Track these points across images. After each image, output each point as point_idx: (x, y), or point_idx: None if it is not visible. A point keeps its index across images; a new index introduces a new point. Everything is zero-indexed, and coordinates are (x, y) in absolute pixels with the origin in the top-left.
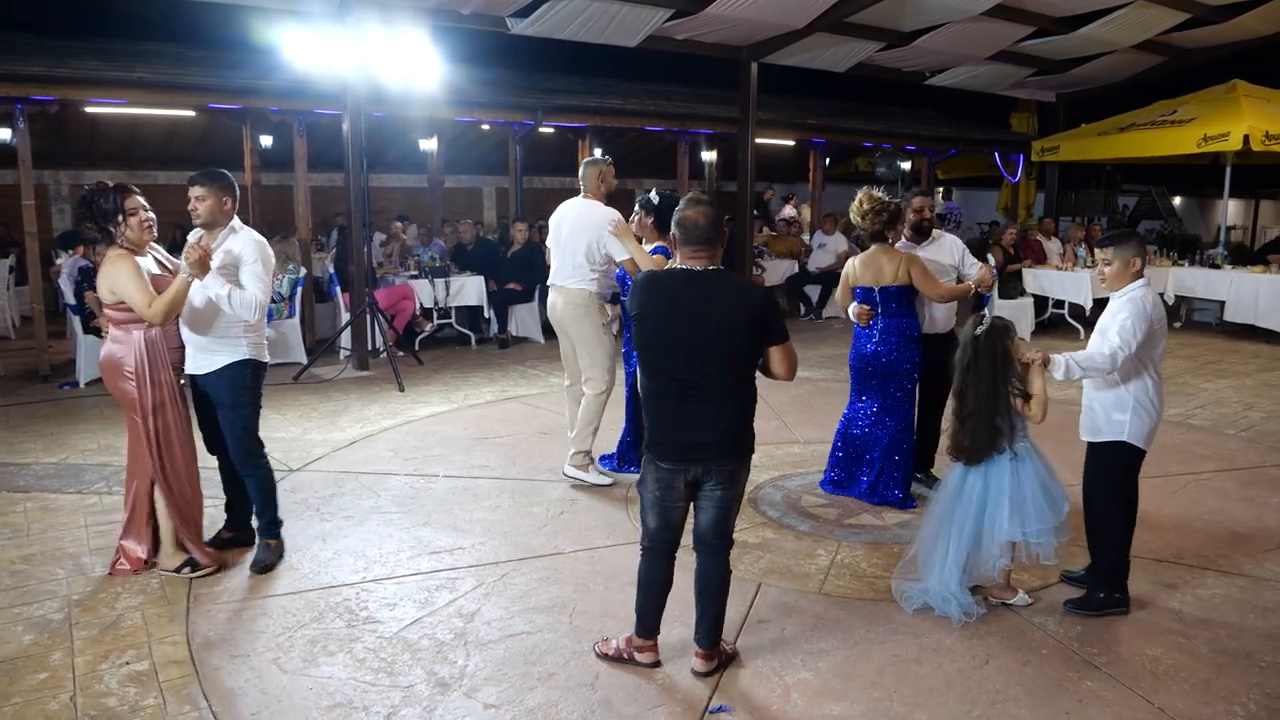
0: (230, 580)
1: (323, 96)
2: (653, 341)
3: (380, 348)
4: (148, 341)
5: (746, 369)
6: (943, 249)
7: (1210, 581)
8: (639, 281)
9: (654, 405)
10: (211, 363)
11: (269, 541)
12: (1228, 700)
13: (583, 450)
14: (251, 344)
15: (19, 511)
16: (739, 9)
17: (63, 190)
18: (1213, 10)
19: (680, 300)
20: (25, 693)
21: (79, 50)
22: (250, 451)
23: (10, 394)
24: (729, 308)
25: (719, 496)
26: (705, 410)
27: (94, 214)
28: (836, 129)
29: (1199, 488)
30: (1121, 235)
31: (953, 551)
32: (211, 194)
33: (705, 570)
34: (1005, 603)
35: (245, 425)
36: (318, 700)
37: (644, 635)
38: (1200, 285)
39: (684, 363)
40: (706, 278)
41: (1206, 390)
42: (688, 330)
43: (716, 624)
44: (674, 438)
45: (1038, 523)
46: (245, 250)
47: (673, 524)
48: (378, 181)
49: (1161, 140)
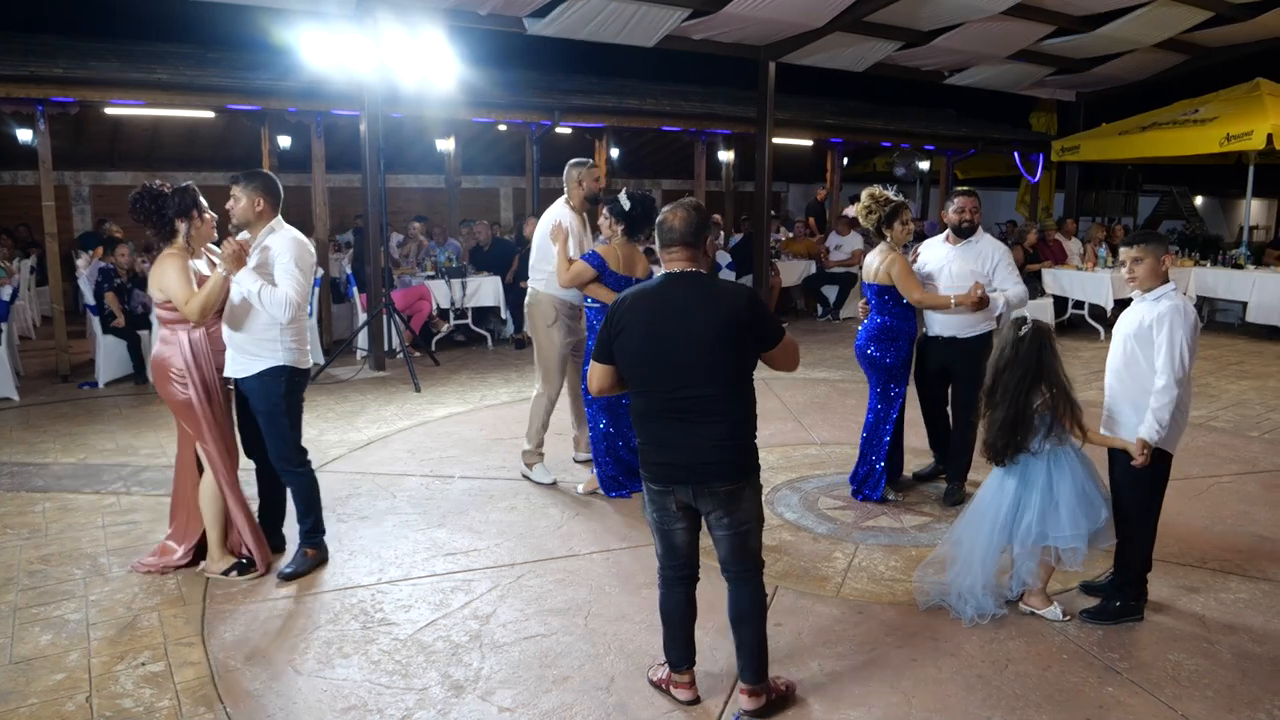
0: (248, 582)
1: (340, 97)
2: (638, 353)
3: (397, 348)
4: (193, 342)
5: (740, 378)
6: (974, 254)
7: (1233, 586)
8: (616, 300)
9: (643, 423)
10: (248, 366)
11: (307, 550)
12: (1251, 707)
13: (528, 449)
14: (289, 349)
15: (37, 512)
16: (757, 9)
17: (83, 191)
18: (1235, 8)
19: (663, 307)
20: (42, 693)
21: (99, 52)
22: (288, 458)
23: (30, 394)
24: (713, 312)
25: (725, 523)
26: (694, 428)
27: (161, 213)
28: (854, 129)
29: (1221, 491)
30: (1151, 234)
31: (980, 551)
32: (245, 194)
33: (735, 597)
34: (1036, 612)
35: (281, 434)
36: (332, 702)
37: (676, 669)
38: (1222, 286)
39: (671, 375)
40: (690, 282)
41: (1229, 392)
42: (671, 339)
43: (758, 654)
44: (661, 457)
45: (1070, 528)
46: (280, 248)
47: (677, 548)
48: (395, 182)
49: (1183, 140)
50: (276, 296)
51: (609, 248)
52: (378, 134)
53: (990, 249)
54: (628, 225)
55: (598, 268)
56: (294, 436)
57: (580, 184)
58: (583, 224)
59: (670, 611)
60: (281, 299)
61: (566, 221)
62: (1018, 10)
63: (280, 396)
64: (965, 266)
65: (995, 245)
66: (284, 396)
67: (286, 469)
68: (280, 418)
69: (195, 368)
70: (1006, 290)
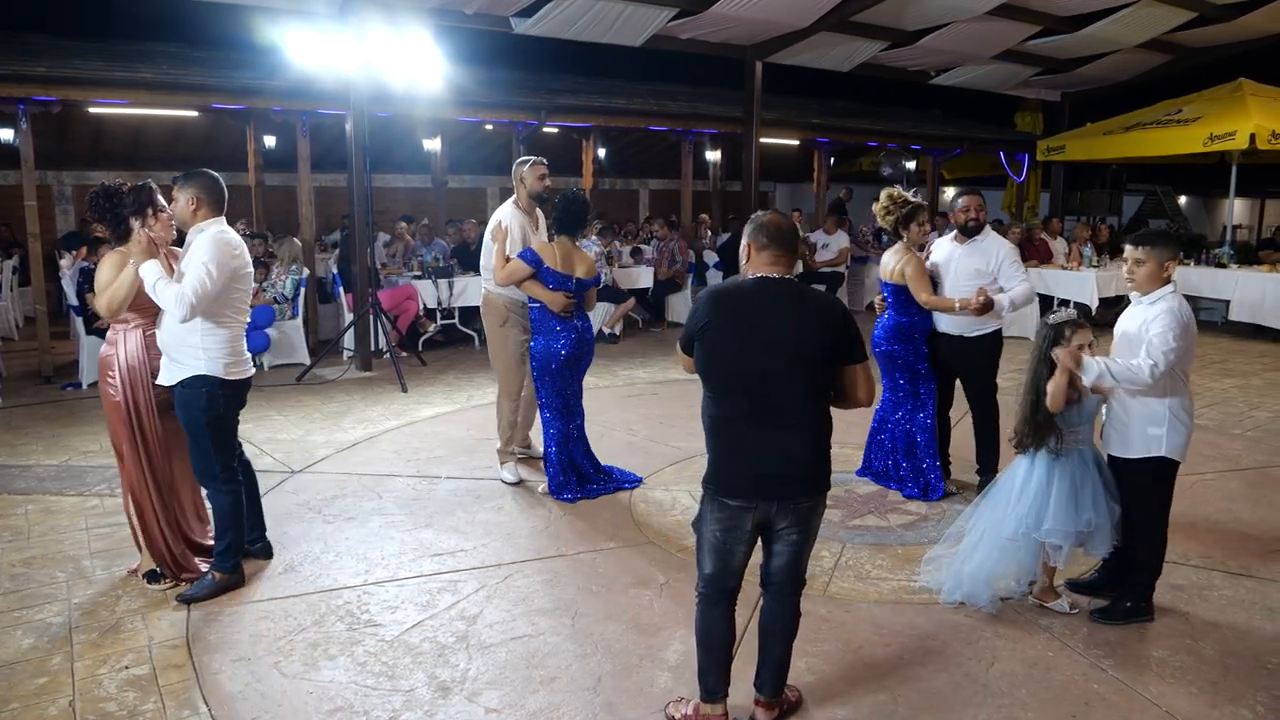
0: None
1: (326, 97)
2: (723, 355)
3: (383, 348)
4: (130, 346)
5: (824, 390)
6: (979, 252)
7: (1217, 583)
8: (706, 293)
9: (722, 430)
10: (173, 374)
11: (215, 574)
12: (1234, 702)
13: (499, 447)
14: (211, 358)
15: (20, 514)
16: (743, 8)
17: (66, 191)
18: (1218, 9)
19: (754, 310)
20: (24, 698)
21: (82, 51)
22: (208, 474)
23: (13, 395)
24: (808, 321)
25: (794, 540)
26: (782, 436)
27: (115, 211)
28: (841, 128)
29: (1205, 488)
30: (1159, 235)
31: (984, 535)
32: (181, 194)
33: (772, 611)
34: (1044, 605)
35: (201, 449)
36: (318, 704)
37: (709, 699)
38: (1206, 285)
39: (758, 380)
40: (783, 287)
41: (1213, 390)
42: (762, 343)
43: (781, 669)
44: (746, 469)
45: (1052, 522)
46: (198, 245)
47: (733, 568)
48: (381, 182)
49: (1167, 139)
50: (171, 291)
51: (546, 245)
52: (364, 133)
53: (995, 247)
54: (556, 223)
55: (533, 264)
56: (217, 455)
57: (523, 182)
58: (534, 223)
59: (710, 631)
60: (174, 295)
61: (508, 220)
62: (1003, 10)
63: (201, 409)
64: (971, 264)
65: (1000, 243)
66: (205, 409)
67: (209, 485)
68: (200, 433)
69: (130, 370)
70: (1011, 290)
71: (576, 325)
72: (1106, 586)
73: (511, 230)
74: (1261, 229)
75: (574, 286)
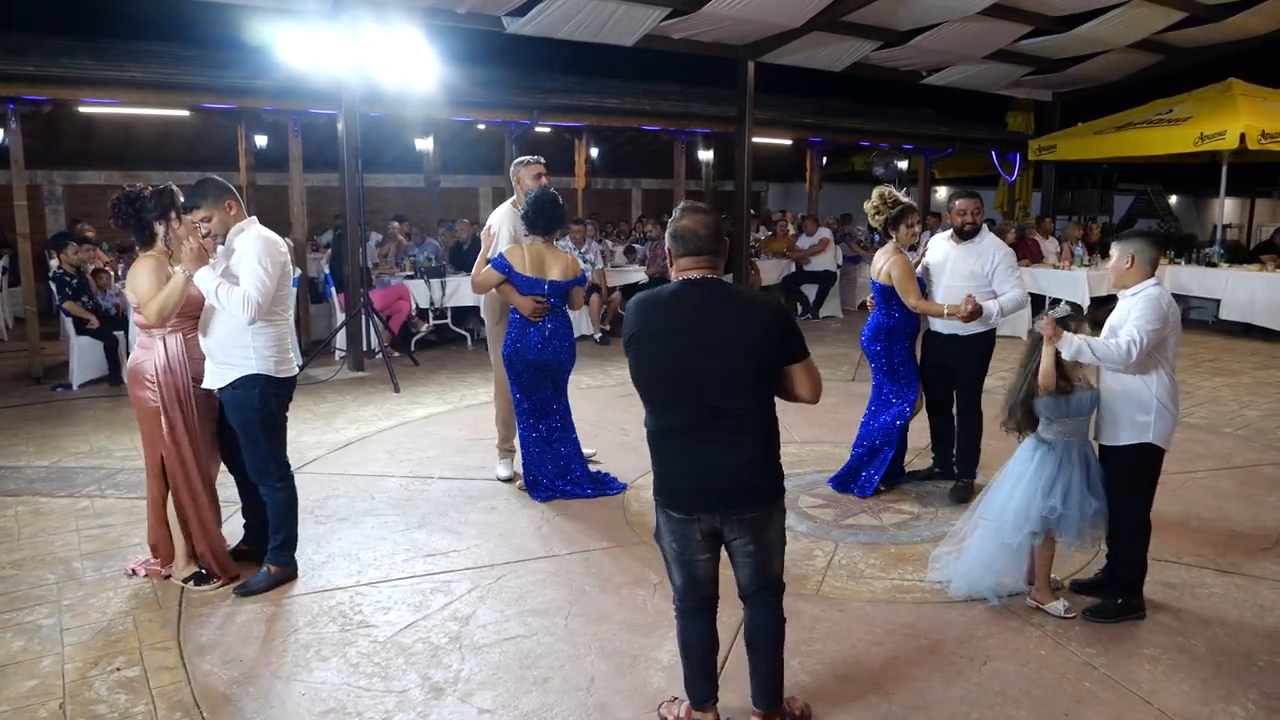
0: (210, 591)
1: (317, 96)
2: (653, 368)
3: (376, 348)
4: (170, 350)
5: (765, 393)
6: (975, 254)
7: (1208, 580)
8: (633, 302)
9: (660, 443)
10: (221, 376)
11: (271, 567)
12: (1226, 700)
13: (497, 443)
14: (263, 357)
15: (10, 515)
16: (736, 8)
17: (56, 191)
18: (1208, 9)
19: (681, 315)
20: (14, 700)
21: (72, 50)
22: (266, 473)
23: (2, 396)
24: (739, 321)
25: (750, 551)
26: (719, 448)
27: (139, 216)
28: (833, 128)
29: (1196, 487)
30: (1143, 235)
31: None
32: (212, 209)
33: (753, 621)
34: (1041, 607)
35: (257, 448)
36: (311, 706)
37: (699, 706)
38: (1196, 284)
39: (693, 391)
40: (709, 288)
41: (1203, 389)
42: (693, 350)
43: (772, 680)
44: (684, 483)
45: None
46: (246, 246)
47: (700, 579)
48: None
49: (1158, 139)
50: (235, 295)
51: (516, 249)
52: (356, 133)
53: (991, 250)
54: (527, 224)
55: (502, 270)
56: (273, 452)
57: (520, 182)
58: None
59: (691, 643)
60: (240, 298)
61: (497, 224)
62: (995, 10)
63: (254, 409)
64: (966, 266)
65: (997, 246)
66: (258, 409)
67: (264, 483)
68: (255, 432)
69: (170, 375)
70: (1002, 295)
71: (546, 328)
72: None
73: (500, 233)
74: (1251, 228)
75: (546, 289)
